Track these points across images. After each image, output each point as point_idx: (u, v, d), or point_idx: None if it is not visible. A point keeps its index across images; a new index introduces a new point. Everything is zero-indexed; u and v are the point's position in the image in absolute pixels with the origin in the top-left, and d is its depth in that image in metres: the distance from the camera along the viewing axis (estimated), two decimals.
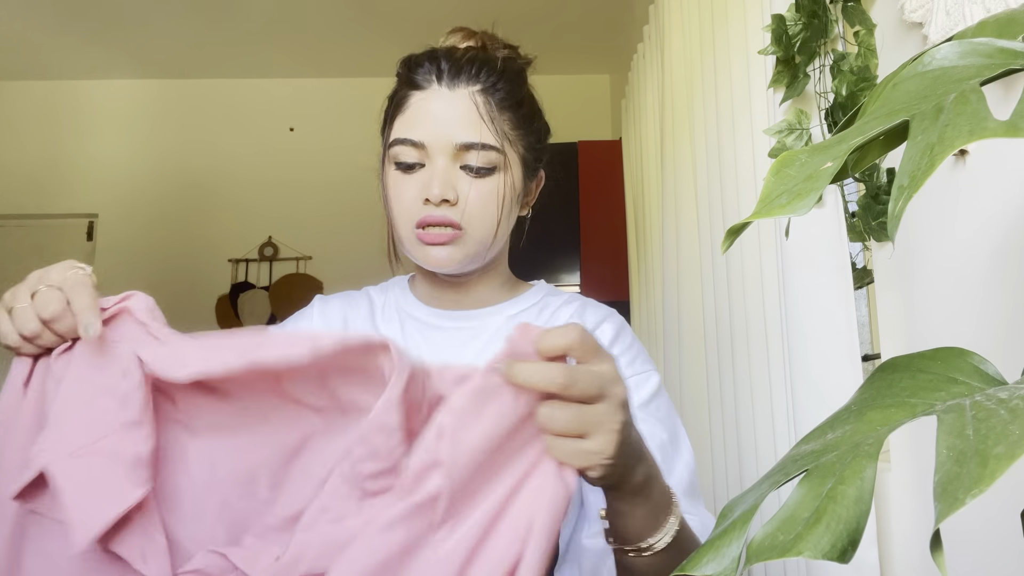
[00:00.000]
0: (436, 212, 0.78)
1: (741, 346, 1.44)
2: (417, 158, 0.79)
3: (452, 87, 0.80)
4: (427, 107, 0.80)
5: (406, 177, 0.80)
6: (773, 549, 0.28)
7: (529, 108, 0.85)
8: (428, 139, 0.79)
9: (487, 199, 0.79)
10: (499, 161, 0.80)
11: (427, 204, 0.78)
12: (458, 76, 0.80)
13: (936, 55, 0.40)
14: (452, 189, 0.78)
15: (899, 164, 0.34)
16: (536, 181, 0.89)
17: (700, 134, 1.70)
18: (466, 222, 0.78)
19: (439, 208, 0.78)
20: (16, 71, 4.16)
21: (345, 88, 4.23)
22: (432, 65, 0.81)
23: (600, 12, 3.49)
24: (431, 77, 0.80)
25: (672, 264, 1.95)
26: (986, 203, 0.83)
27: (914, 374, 0.36)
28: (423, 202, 0.78)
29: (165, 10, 3.51)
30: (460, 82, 0.80)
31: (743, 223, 0.38)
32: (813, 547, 0.27)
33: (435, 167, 0.78)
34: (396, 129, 0.81)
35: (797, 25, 1.14)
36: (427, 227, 0.79)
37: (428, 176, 0.79)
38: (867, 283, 1.16)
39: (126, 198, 4.20)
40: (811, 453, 0.33)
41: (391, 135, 0.82)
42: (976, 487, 0.25)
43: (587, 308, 0.87)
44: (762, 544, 0.29)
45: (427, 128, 0.79)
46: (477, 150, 0.78)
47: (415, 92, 0.81)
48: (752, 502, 0.33)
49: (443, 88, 0.80)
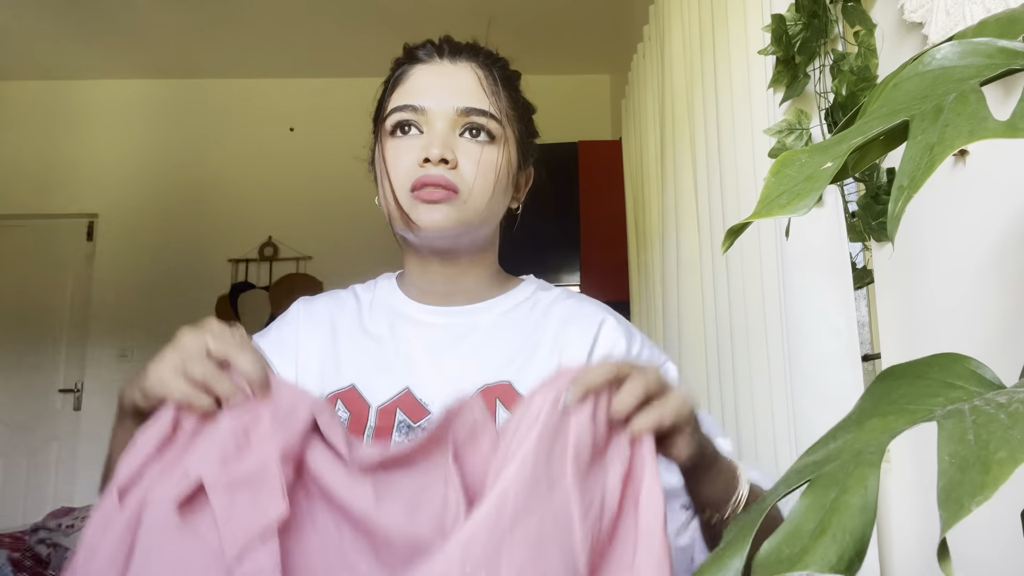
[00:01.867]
0: (434, 171, 0.76)
1: (741, 346, 1.44)
2: (416, 125, 0.79)
3: (454, 61, 0.81)
4: (428, 76, 0.80)
5: (404, 142, 0.79)
6: (780, 563, 0.28)
7: (524, 102, 0.86)
8: (429, 104, 0.78)
9: (485, 167, 0.78)
10: (498, 132, 0.80)
11: (425, 164, 0.76)
12: (459, 53, 0.82)
13: (936, 55, 0.39)
14: (451, 151, 0.77)
15: (899, 164, 0.34)
16: (526, 176, 0.88)
17: (700, 134, 1.70)
18: (463, 185, 0.77)
19: (437, 168, 0.76)
20: (16, 71, 4.16)
21: (345, 88, 4.22)
22: (433, 46, 0.82)
23: (600, 12, 3.48)
24: (432, 53, 0.82)
25: (672, 264, 1.94)
26: (986, 203, 0.83)
27: (912, 380, 0.36)
28: (421, 163, 0.77)
29: (165, 10, 3.51)
30: (461, 58, 0.81)
31: (743, 223, 0.38)
32: (820, 560, 0.27)
33: (434, 131, 0.78)
34: (395, 99, 0.81)
35: (797, 25, 1.14)
36: (424, 187, 0.77)
37: (427, 140, 0.78)
38: (867, 283, 1.16)
39: (126, 198, 4.20)
40: (814, 463, 0.33)
41: (389, 105, 0.81)
42: (980, 493, 0.24)
43: (583, 304, 0.86)
44: (768, 558, 0.29)
45: (428, 94, 0.79)
46: (478, 116, 0.78)
47: (416, 65, 0.82)
48: (754, 515, 0.33)
49: (445, 61, 0.81)
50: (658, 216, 2.20)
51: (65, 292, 4.19)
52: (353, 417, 0.77)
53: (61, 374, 4.13)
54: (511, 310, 0.85)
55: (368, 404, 0.78)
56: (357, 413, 0.77)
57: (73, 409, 4.07)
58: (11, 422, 4.06)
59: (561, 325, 0.82)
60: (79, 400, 4.06)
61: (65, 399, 4.09)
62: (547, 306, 0.85)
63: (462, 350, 0.81)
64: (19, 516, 3.81)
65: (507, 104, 0.82)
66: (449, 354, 0.81)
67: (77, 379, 4.09)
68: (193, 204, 4.19)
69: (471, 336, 0.82)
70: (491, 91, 0.80)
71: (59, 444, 4.04)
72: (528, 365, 0.79)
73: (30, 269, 4.21)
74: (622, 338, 0.82)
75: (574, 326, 0.82)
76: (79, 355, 4.11)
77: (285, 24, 3.68)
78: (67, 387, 4.10)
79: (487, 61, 0.82)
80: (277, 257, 4.13)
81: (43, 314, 4.15)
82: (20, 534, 2.42)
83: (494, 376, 0.78)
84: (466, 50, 0.82)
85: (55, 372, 4.13)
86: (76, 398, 4.06)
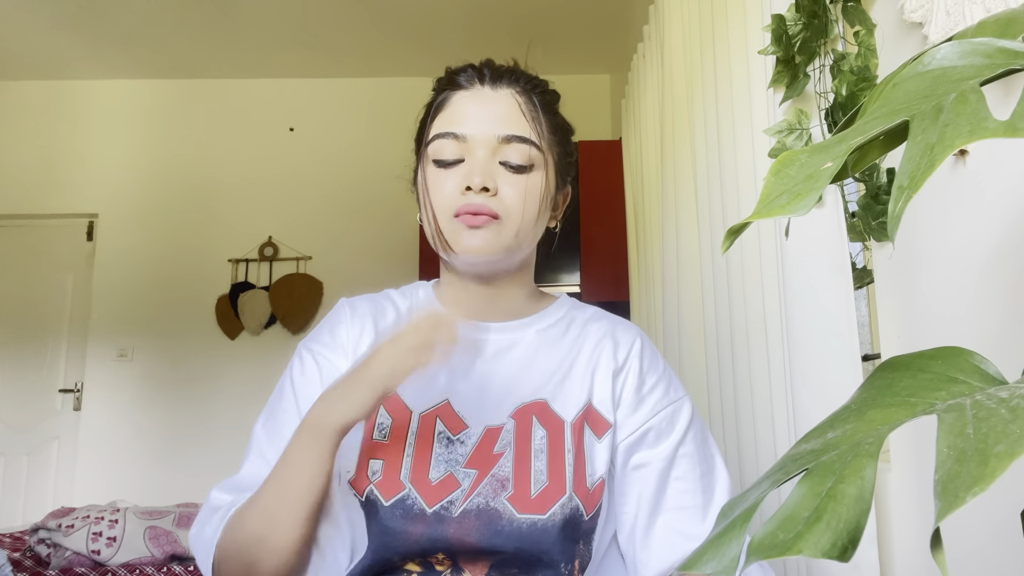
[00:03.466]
0: (476, 199, 0.78)
1: (741, 346, 1.44)
2: (457, 153, 0.80)
3: (495, 88, 0.82)
4: (469, 104, 0.81)
5: (446, 172, 0.81)
6: (773, 548, 0.28)
7: (563, 123, 0.88)
8: (470, 132, 0.80)
9: (525, 193, 0.80)
10: (538, 159, 0.81)
11: (467, 192, 0.78)
12: (500, 79, 0.83)
13: (936, 55, 0.40)
14: (492, 179, 0.79)
15: (899, 164, 0.34)
16: (563, 195, 0.90)
17: (700, 134, 1.70)
18: (503, 212, 0.79)
19: (479, 195, 0.78)
20: (16, 71, 4.16)
21: (345, 88, 4.23)
22: (474, 71, 0.83)
23: (600, 12, 3.49)
24: (473, 79, 0.83)
25: (672, 264, 1.95)
26: (986, 203, 0.83)
27: (914, 373, 0.36)
28: (463, 191, 0.79)
29: (165, 10, 3.51)
30: (502, 84, 0.82)
31: (743, 223, 0.38)
32: (813, 546, 0.27)
33: (475, 160, 0.79)
34: (436, 125, 0.82)
35: (797, 25, 1.14)
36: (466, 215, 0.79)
37: (468, 168, 0.79)
38: (867, 283, 1.16)
39: (126, 198, 4.20)
40: (811, 452, 0.33)
41: (430, 132, 0.82)
42: (976, 486, 0.25)
43: (617, 327, 0.88)
44: (762, 542, 0.29)
45: (469, 122, 0.80)
46: (519, 143, 0.80)
47: (457, 92, 0.83)
48: (752, 501, 0.33)
49: (486, 88, 0.82)
50: (658, 216, 2.20)
51: (65, 292, 4.18)
52: (396, 423, 0.78)
53: (61, 374, 4.13)
54: (547, 329, 0.87)
55: (410, 410, 0.79)
56: (399, 419, 0.79)
57: (73, 409, 4.07)
58: (11, 422, 4.06)
59: (594, 347, 0.85)
60: (79, 400, 4.06)
61: (65, 399, 4.10)
62: (582, 326, 0.88)
63: (500, 367, 0.83)
64: (19, 516, 3.81)
65: (546, 128, 0.83)
66: (488, 370, 0.82)
67: (77, 379, 4.09)
68: (193, 204, 4.19)
69: (510, 354, 0.84)
70: (531, 117, 0.81)
71: (59, 444, 4.04)
72: (563, 384, 0.82)
73: (30, 269, 4.21)
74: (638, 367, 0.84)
75: (606, 350, 0.84)
76: (79, 355, 4.11)
77: (285, 24, 3.68)
78: (67, 387, 4.10)
79: (527, 87, 0.83)
80: (277, 257, 4.13)
81: (43, 314, 4.15)
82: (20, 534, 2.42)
83: (531, 395, 0.80)
84: (506, 75, 0.83)
85: (55, 372, 4.13)
86: (76, 398, 4.07)
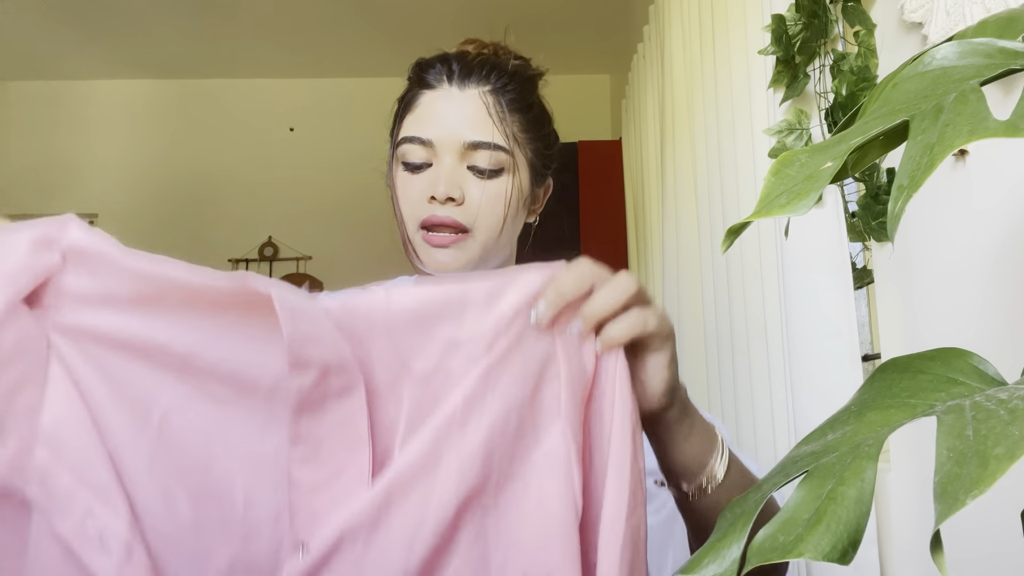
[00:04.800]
0: (441, 211, 0.77)
1: (741, 346, 1.44)
2: (424, 157, 0.79)
3: (462, 87, 0.80)
4: (436, 106, 0.80)
5: (413, 177, 0.80)
6: (774, 550, 0.28)
7: (539, 113, 0.85)
8: (436, 137, 0.78)
9: (494, 200, 0.78)
10: (507, 162, 0.79)
11: (432, 202, 0.77)
12: (468, 77, 0.80)
13: (936, 55, 0.39)
14: (458, 188, 0.77)
15: (899, 164, 0.34)
16: (544, 188, 0.89)
17: (700, 134, 1.70)
18: (471, 223, 0.78)
19: (444, 207, 0.77)
20: (16, 71, 4.16)
21: (345, 88, 4.22)
22: (443, 66, 0.81)
23: (600, 12, 3.48)
24: (442, 77, 0.80)
25: (672, 264, 1.94)
26: (986, 203, 0.83)
27: (914, 375, 0.36)
28: (428, 200, 0.77)
29: (165, 10, 3.51)
30: (470, 83, 0.80)
31: (743, 223, 0.38)
32: (814, 548, 0.27)
33: (442, 166, 0.78)
34: (405, 128, 0.81)
35: (797, 25, 1.14)
36: (432, 228, 0.78)
37: (434, 175, 0.78)
38: (867, 283, 1.16)
39: (126, 198, 4.20)
40: (811, 454, 0.33)
41: (399, 134, 0.81)
42: (976, 488, 0.24)
43: None
44: (763, 545, 0.29)
45: (436, 126, 0.79)
46: (485, 150, 0.78)
47: (425, 91, 0.81)
48: (752, 503, 0.33)
49: (453, 88, 0.80)
50: (658, 216, 2.20)
51: None
52: None
53: None
54: None
55: None
56: None
57: None
58: None
59: None
60: None
61: None
62: None
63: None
64: None
65: (518, 128, 0.81)
66: None
67: None
68: (193, 204, 4.19)
69: None
70: (499, 119, 0.79)
71: None
72: None
73: None
74: None
75: None
76: None
77: (285, 24, 3.68)
78: None
79: (497, 84, 0.81)
80: (277, 257, 4.13)
81: None
82: None
83: None
84: (476, 71, 0.80)
85: None
86: None
